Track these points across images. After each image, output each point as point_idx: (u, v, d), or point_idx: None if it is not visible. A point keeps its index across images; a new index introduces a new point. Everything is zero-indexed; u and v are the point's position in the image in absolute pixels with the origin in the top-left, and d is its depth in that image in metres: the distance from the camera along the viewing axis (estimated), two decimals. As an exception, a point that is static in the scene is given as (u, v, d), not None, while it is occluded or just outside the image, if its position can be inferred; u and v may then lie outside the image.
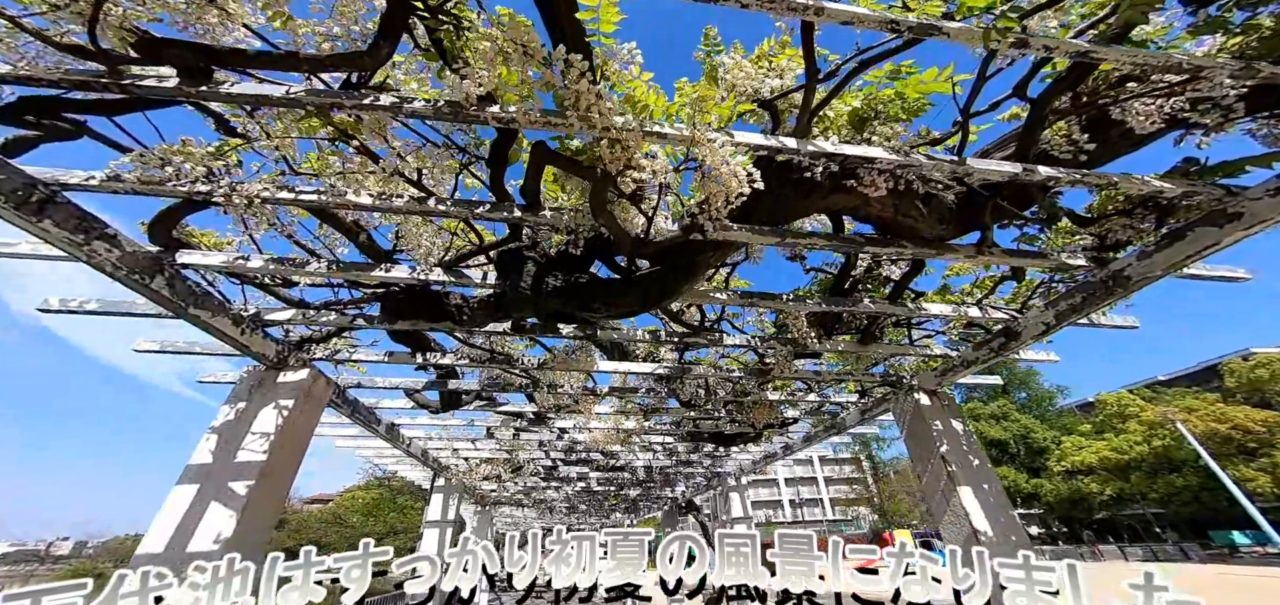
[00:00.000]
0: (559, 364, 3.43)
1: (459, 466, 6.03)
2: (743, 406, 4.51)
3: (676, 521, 11.67)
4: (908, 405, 3.60)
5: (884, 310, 2.88)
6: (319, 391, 2.99)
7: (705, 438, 5.27)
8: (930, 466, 3.28)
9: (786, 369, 3.59)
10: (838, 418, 4.65)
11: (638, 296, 2.35)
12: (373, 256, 2.59)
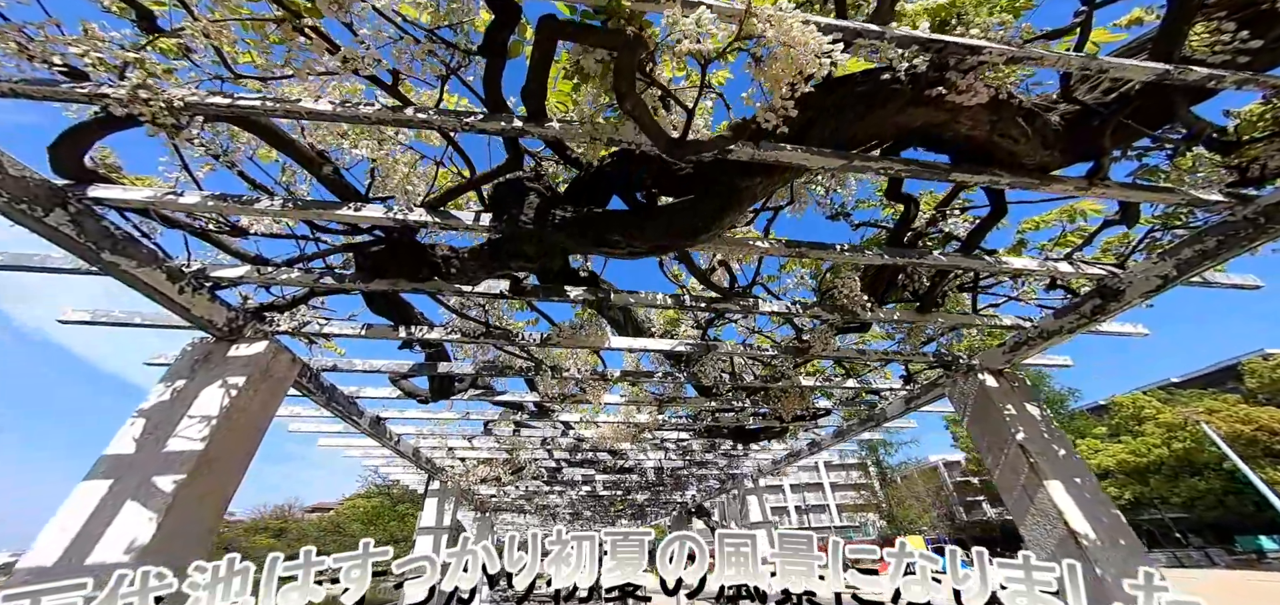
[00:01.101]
0: (565, 339, 2.94)
1: (455, 468, 5.52)
2: (769, 395, 4.01)
3: (685, 528, 11.09)
4: (969, 389, 3.10)
5: (957, 264, 2.40)
6: (280, 370, 2.51)
7: (724, 433, 4.76)
8: (1005, 458, 2.77)
9: (828, 346, 3.09)
10: (877, 409, 4.14)
11: (663, 227, 1.88)
12: (340, 195, 2.12)
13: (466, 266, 2.38)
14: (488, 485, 5.78)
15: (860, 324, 3.09)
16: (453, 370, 3.22)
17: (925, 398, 3.61)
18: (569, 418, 4.18)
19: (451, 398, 3.56)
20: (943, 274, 2.72)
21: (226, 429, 2.09)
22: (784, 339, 3.28)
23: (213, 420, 2.05)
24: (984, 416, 2.98)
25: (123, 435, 1.95)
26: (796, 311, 2.82)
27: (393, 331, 2.85)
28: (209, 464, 1.98)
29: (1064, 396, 35.60)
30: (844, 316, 2.84)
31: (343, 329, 2.79)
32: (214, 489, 2.00)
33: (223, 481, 2.06)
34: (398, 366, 3.20)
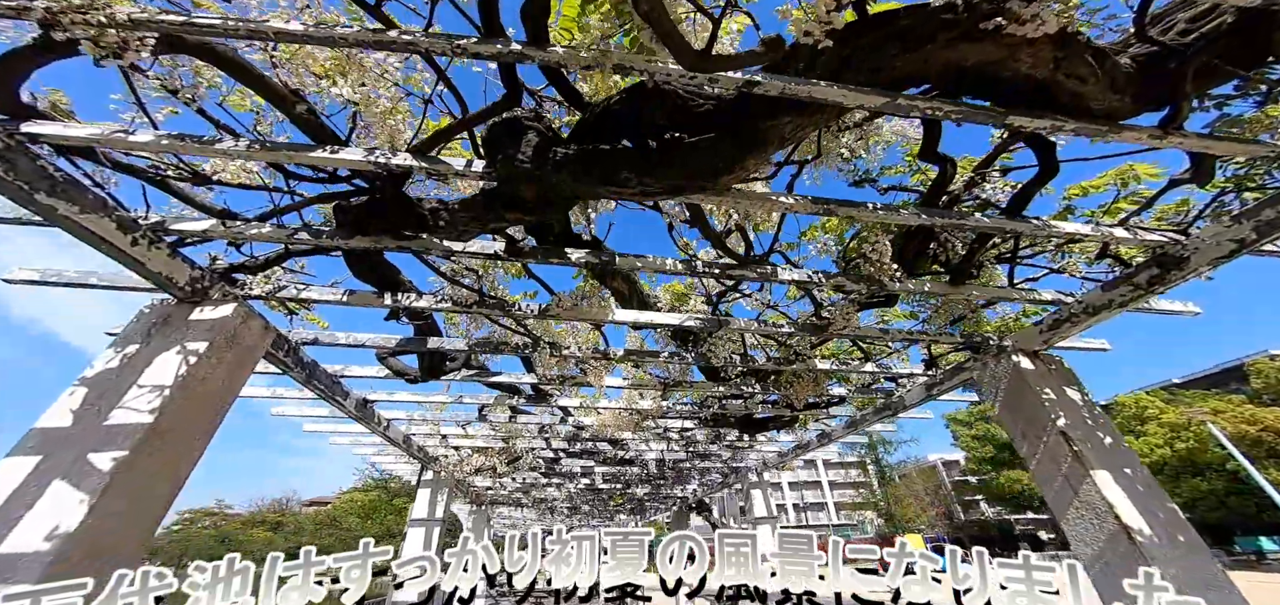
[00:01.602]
0: (565, 311, 2.71)
1: (448, 458, 5.29)
2: (781, 380, 3.78)
3: (686, 523, 10.89)
4: (1001, 372, 2.87)
5: (1001, 227, 2.16)
6: (250, 338, 2.27)
7: (731, 422, 4.53)
8: (1043, 447, 2.54)
9: (849, 321, 2.86)
10: (894, 398, 3.91)
11: (679, 169, 1.64)
12: (315, 138, 1.88)
13: (456, 219, 2.14)
14: (483, 476, 5.56)
15: (886, 296, 2.86)
16: (444, 346, 2.98)
17: (948, 384, 3.38)
18: (568, 402, 3.95)
19: (443, 377, 3.32)
20: (981, 241, 2.48)
21: (182, 400, 1.85)
22: (801, 315, 3.04)
23: (166, 390, 1.81)
24: (1018, 402, 2.74)
25: (59, 406, 1.71)
26: (818, 281, 2.58)
27: (377, 299, 2.60)
28: (160, 438, 1.73)
29: (1065, 396, 35.52)
30: (869, 288, 2.61)
31: (323, 295, 2.54)
32: (164, 467, 1.76)
33: (175, 459, 1.82)
34: (385, 341, 2.96)
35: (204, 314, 2.13)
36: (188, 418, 1.87)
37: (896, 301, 2.91)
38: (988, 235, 2.48)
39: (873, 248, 2.50)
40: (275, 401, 3.81)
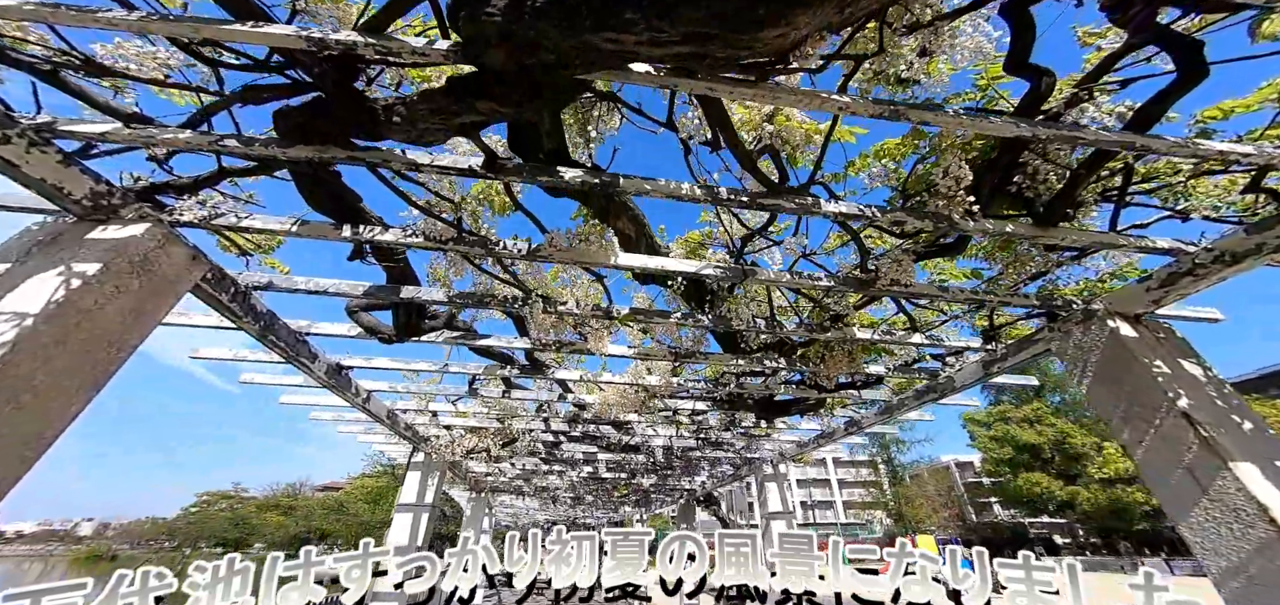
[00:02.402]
0: (558, 252, 2.24)
1: (440, 438, 4.89)
2: (810, 354, 3.28)
3: (693, 517, 10.46)
4: (1092, 342, 2.33)
5: (1125, 142, 1.63)
6: (170, 267, 1.84)
7: (749, 404, 4.04)
8: (1154, 431, 2.01)
9: (905, 273, 2.34)
10: (941, 378, 3.37)
11: (705, 9, 1.15)
12: (238, 12, 1.44)
13: (415, 114, 1.68)
14: (478, 460, 5.17)
15: (953, 240, 2.33)
16: (419, 296, 2.54)
17: (1014, 360, 2.84)
18: (566, 375, 3.50)
19: (422, 337, 2.89)
20: (1090, 168, 1.95)
21: (57, 335, 1.43)
22: (843, 266, 2.54)
23: (30, 321, 1.38)
24: (1117, 376, 2.21)
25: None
26: (870, 217, 2.08)
27: (334, 231, 2.17)
28: (12, 385, 1.31)
29: (1089, 398, 34.15)
30: (935, 227, 2.09)
31: (269, 224, 2.11)
32: (18, 427, 1.34)
33: (38, 414, 1.40)
34: (352, 289, 2.53)
35: (108, 233, 1.71)
36: (63, 361, 1.45)
37: (964, 247, 2.38)
38: (1096, 163, 1.95)
39: (947, 172, 1.98)
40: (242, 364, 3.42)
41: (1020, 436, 31.35)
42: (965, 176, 1.98)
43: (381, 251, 2.48)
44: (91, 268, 1.56)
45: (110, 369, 1.59)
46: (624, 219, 2.52)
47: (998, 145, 2.11)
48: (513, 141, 2.07)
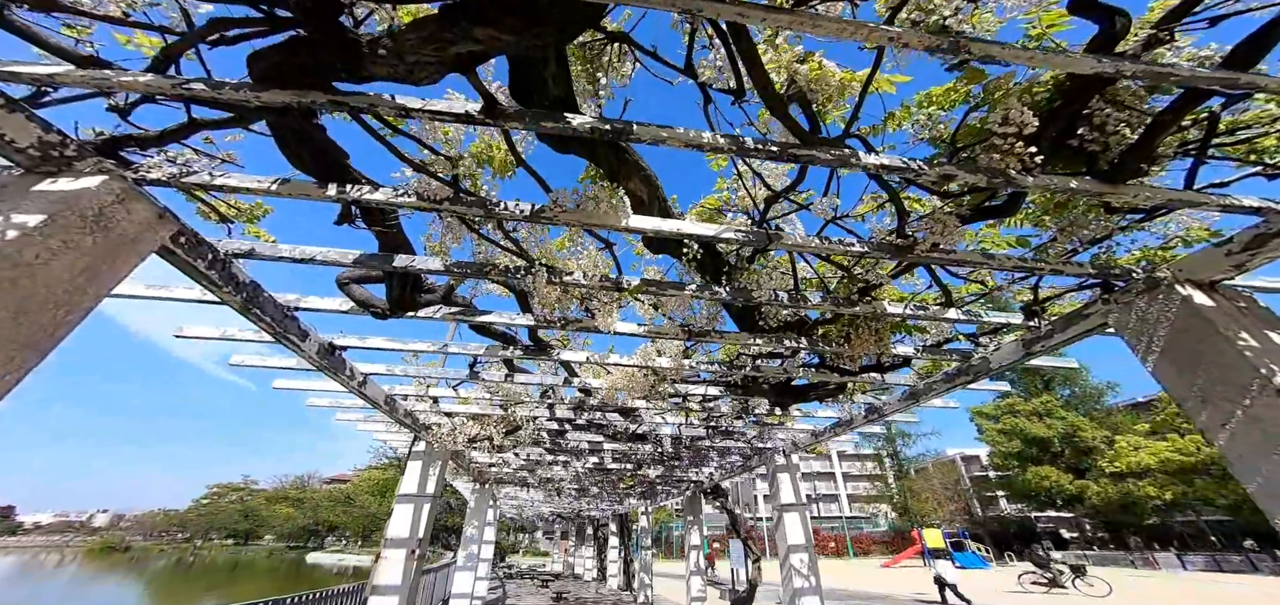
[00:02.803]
0: (564, 214, 2.03)
1: (441, 425, 4.72)
2: (834, 330, 3.06)
3: (700, 509, 10.30)
4: (1160, 313, 2.09)
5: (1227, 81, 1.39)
6: (131, 224, 1.65)
7: (764, 389, 3.82)
8: (1243, 413, 1.78)
9: (948, 236, 2.11)
10: (975, 359, 3.14)
11: None
12: None
13: (403, 46, 1.46)
14: (480, 449, 5.00)
15: (1007, 199, 2.10)
16: (413, 265, 2.34)
17: (1061, 336, 2.60)
18: (572, 356, 3.29)
19: (418, 313, 2.69)
20: (1178, 113, 1.71)
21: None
22: (878, 231, 2.31)
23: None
24: (1194, 351, 1.97)
25: None
26: (915, 169, 1.84)
27: (318, 190, 1.96)
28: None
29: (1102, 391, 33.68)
30: (989, 182, 1.86)
31: (246, 183, 1.91)
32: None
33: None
34: (341, 257, 2.33)
35: (56, 186, 1.51)
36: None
37: (1017, 208, 2.14)
38: (1184, 107, 1.71)
39: (1006, 118, 1.75)
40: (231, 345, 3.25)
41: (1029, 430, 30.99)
42: (1028, 123, 1.74)
43: (372, 215, 2.27)
44: (34, 219, 1.37)
45: (56, 333, 1.40)
46: (635, 180, 2.30)
47: (1060, 93, 1.88)
48: (515, 87, 1.86)
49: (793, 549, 5.11)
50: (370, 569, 4.26)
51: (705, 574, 10.65)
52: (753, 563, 9.09)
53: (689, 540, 10.01)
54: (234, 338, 2.87)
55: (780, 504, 5.47)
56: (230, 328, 2.89)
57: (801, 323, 3.17)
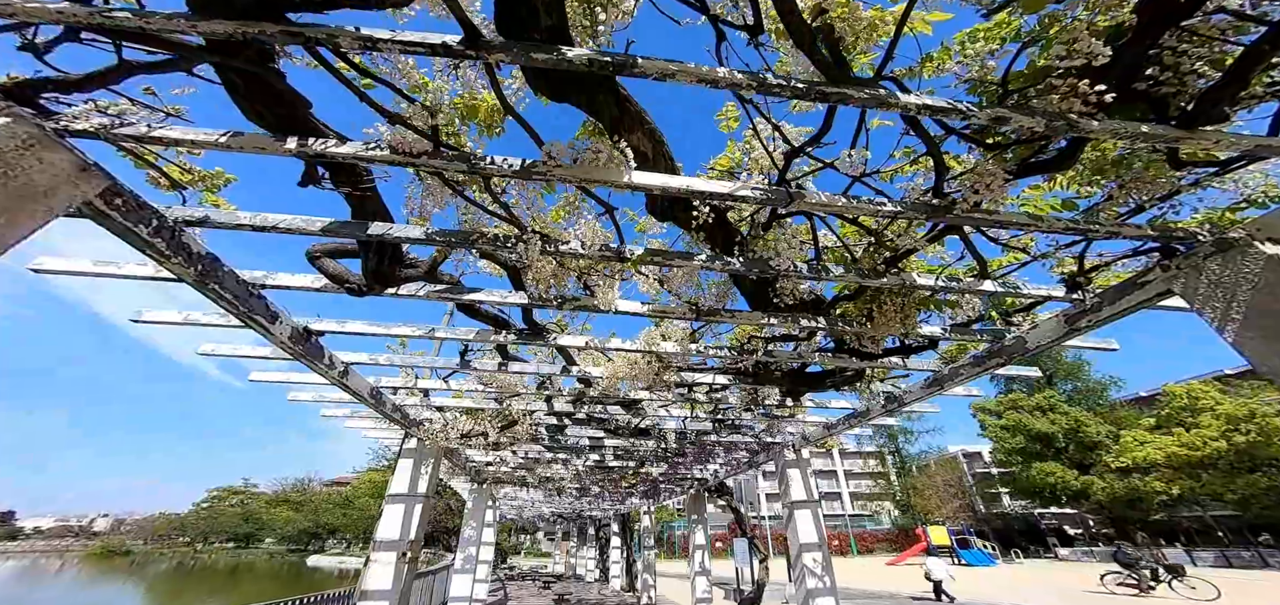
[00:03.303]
0: (558, 169, 1.78)
1: (433, 421, 4.47)
2: (855, 307, 2.81)
3: (703, 508, 10.05)
4: (1239, 275, 1.84)
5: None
6: (45, 176, 1.40)
7: (777, 377, 3.57)
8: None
9: (994, 194, 1.86)
10: (1007, 340, 2.89)
11: None
12: None
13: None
14: (475, 447, 4.75)
15: (1067, 146, 1.85)
16: (390, 233, 2.08)
17: (1111, 308, 2.35)
18: (570, 342, 3.04)
19: (399, 290, 2.44)
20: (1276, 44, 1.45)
21: None
22: (912, 190, 2.06)
23: None
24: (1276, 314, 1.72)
25: None
26: (963, 111, 1.59)
27: (276, 144, 1.71)
28: None
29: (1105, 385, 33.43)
30: (1048, 126, 1.61)
31: (188, 134, 1.66)
32: None
33: None
34: (306, 225, 2.07)
35: (-54, 118, 1.26)
36: None
37: (1073, 160, 1.89)
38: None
39: (1071, 49, 1.50)
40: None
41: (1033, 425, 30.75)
42: (1099, 54, 1.49)
43: (341, 174, 2.02)
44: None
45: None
46: (639, 133, 2.05)
47: (1127, 29, 1.63)
48: (502, 19, 1.60)
49: (805, 548, 4.86)
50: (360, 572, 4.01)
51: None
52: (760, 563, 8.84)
53: (693, 540, 9.76)
54: (198, 323, 2.62)
55: (791, 500, 5.21)
56: (195, 312, 2.64)
57: (818, 302, 2.92)
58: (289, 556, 56.99)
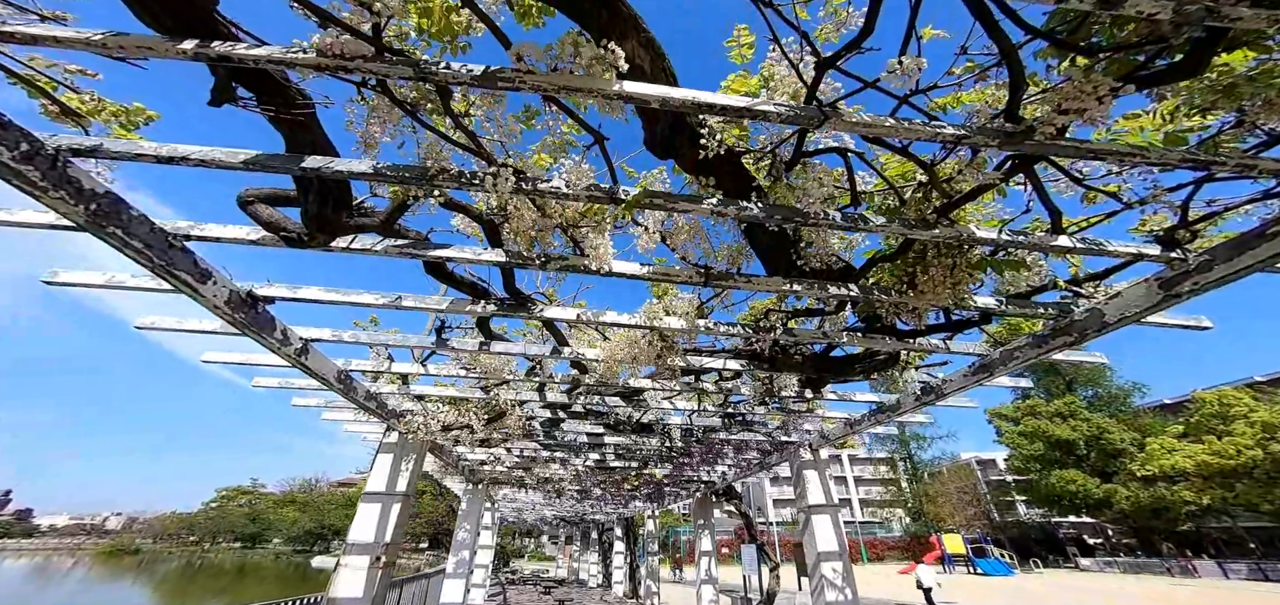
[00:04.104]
0: (531, 76, 1.38)
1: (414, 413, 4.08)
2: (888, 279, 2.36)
3: (710, 513, 9.55)
4: None
5: None
6: None
7: (797, 362, 3.12)
8: None
9: (1094, 104, 1.42)
10: (1077, 314, 2.42)
11: None
12: None
13: None
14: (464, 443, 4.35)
15: (1196, 47, 1.40)
16: (331, 167, 1.69)
17: (1226, 269, 1.88)
18: (560, 314, 2.63)
19: (352, 243, 2.05)
20: None
21: None
22: (981, 105, 1.62)
23: None
24: None
25: None
26: (1066, 12, 1.16)
27: (168, 46, 1.33)
28: None
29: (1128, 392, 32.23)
30: (1178, 10, 1.17)
31: (52, 32, 1.28)
32: None
33: None
34: (229, 157, 1.69)
35: None
36: None
37: (1207, 62, 1.44)
38: None
39: None
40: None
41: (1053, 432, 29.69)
42: None
43: (267, 93, 1.63)
44: None
45: None
46: (633, 41, 1.65)
47: None
48: None
49: (824, 557, 4.38)
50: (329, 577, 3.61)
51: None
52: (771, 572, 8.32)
53: (699, 546, 9.26)
54: (123, 286, 2.25)
55: (808, 505, 4.73)
56: (121, 273, 2.27)
57: (847, 270, 2.48)
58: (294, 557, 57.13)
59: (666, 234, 2.21)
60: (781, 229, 2.28)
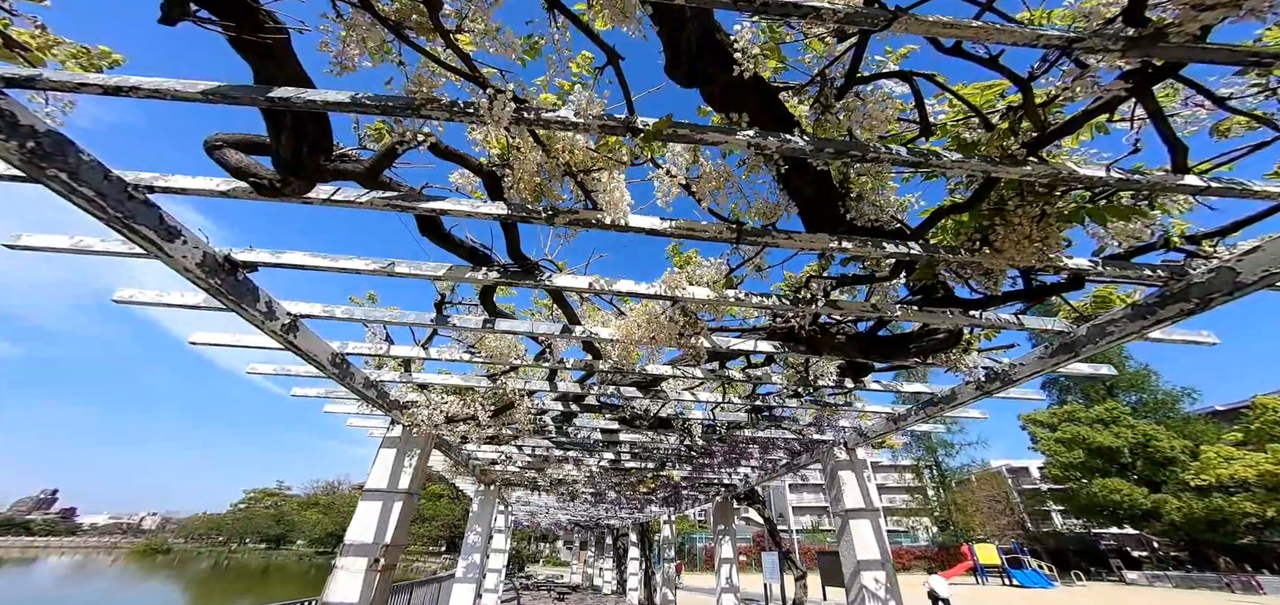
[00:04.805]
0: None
1: (418, 403, 3.84)
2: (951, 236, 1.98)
3: (731, 519, 9.09)
4: None
5: None
6: None
7: (840, 342, 2.74)
8: None
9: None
10: (1195, 274, 1.99)
11: None
12: None
13: None
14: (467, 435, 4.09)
15: None
16: (303, 98, 1.43)
17: None
18: (570, 283, 2.32)
19: (335, 193, 1.79)
20: None
21: None
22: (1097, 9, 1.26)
23: None
24: None
25: None
26: None
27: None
28: None
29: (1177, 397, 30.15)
30: None
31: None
32: None
33: None
34: (187, 88, 1.44)
35: None
36: None
37: None
38: None
39: None
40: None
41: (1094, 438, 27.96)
42: None
43: (229, 8, 1.39)
44: None
45: None
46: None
47: None
48: None
49: (864, 565, 3.94)
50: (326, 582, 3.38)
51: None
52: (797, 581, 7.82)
53: (719, 552, 8.81)
54: (89, 250, 2.05)
55: (845, 508, 4.30)
56: (88, 237, 2.07)
57: (901, 231, 2.11)
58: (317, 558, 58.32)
59: (691, 182, 1.89)
60: (827, 177, 1.93)
